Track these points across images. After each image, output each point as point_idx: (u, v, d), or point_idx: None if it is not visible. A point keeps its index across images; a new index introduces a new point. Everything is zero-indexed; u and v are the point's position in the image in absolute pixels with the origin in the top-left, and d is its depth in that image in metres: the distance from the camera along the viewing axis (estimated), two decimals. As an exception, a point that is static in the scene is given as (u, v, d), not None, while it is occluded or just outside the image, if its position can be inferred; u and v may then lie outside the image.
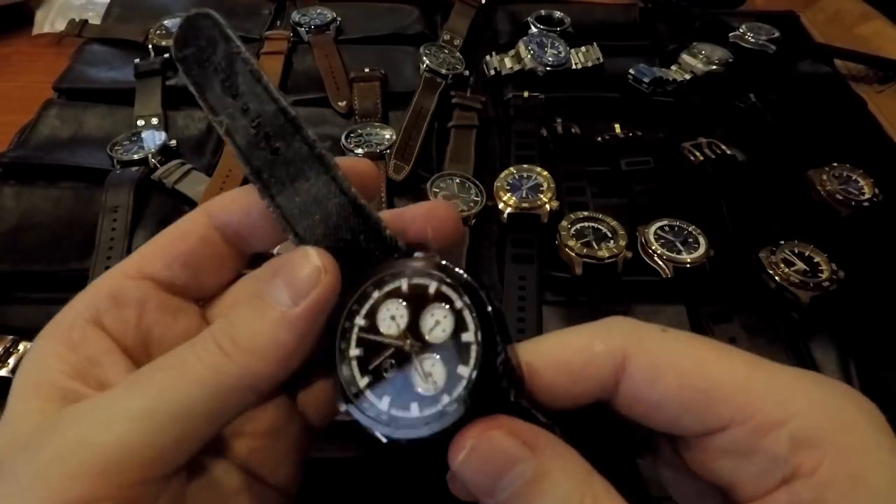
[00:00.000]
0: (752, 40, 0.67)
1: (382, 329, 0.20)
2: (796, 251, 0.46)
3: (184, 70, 0.24)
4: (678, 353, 0.20)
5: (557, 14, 0.70)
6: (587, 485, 0.18)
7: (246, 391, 0.20)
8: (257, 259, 0.26)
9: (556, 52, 0.64)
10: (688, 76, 0.63)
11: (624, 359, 0.20)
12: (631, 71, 0.63)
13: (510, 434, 0.18)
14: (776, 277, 0.45)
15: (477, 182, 0.51)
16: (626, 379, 0.20)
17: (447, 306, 0.20)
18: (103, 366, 0.21)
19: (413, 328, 0.20)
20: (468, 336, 0.19)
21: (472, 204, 0.50)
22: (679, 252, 0.46)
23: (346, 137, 0.54)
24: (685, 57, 0.64)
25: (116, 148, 0.53)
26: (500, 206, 0.49)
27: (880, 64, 0.66)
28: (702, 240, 0.47)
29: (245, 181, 0.50)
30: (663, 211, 0.49)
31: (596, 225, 0.47)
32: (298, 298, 0.20)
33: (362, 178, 0.23)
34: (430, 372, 0.19)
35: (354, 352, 0.20)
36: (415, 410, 0.19)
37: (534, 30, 0.68)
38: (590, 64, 0.64)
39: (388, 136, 0.54)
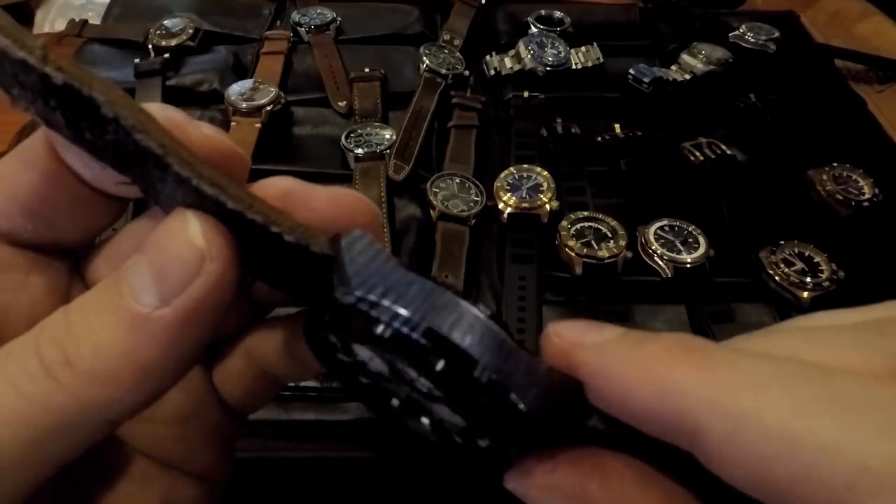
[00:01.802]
0: (752, 40, 0.67)
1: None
2: (796, 251, 0.46)
3: None
4: (772, 396, 0.13)
5: (557, 14, 0.70)
6: None
7: (92, 425, 0.14)
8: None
9: (556, 52, 0.64)
10: (688, 76, 0.63)
11: (699, 429, 0.14)
12: (631, 71, 0.63)
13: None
14: (776, 277, 0.45)
15: (477, 182, 0.51)
16: (704, 444, 0.14)
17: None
18: None
19: None
20: None
21: (472, 204, 0.50)
22: (679, 252, 0.46)
23: (346, 137, 0.54)
24: (685, 57, 0.64)
25: (116, 148, 0.53)
26: (500, 206, 0.49)
27: (880, 64, 0.66)
28: (702, 240, 0.47)
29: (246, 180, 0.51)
30: (663, 211, 0.49)
31: (596, 225, 0.47)
32: (169, 294, 0.14)
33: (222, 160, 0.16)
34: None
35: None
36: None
37: (534, 30, 0.68)
38: (590, 64, 0.64)
39: (388, 136, 0.54)
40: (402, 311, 0.13)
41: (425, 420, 0.16)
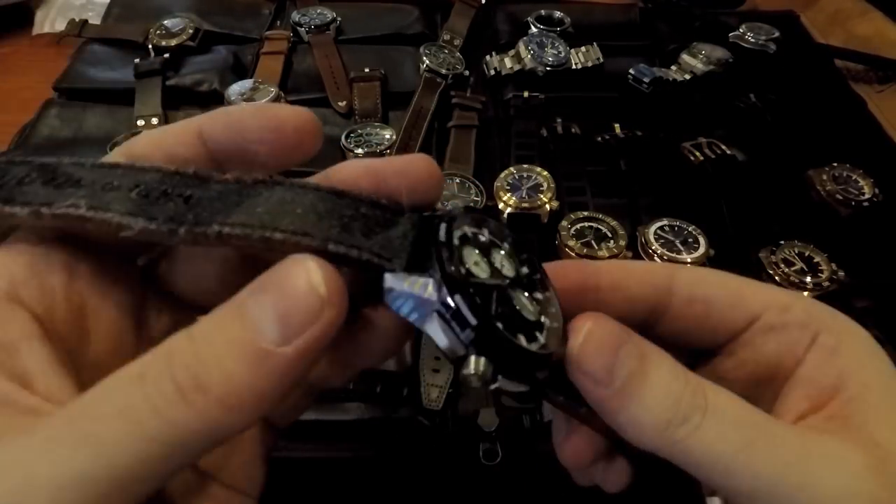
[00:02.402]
0: (752, 40, 0.67)
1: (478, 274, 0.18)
2: (796, 251, 0.46)
3: None
4: (709, 272, 0.23)
5: (557, 14, 0.70)
6: (681, 365, 0.19)
7: (207, 444, 0.16)
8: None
9: (556, 52, 0.64)
10: (688, 76, 0.63)
11: (673, 274, 0.22)
12: (631, 71, 0.63)
13: (607, 318, 0.19)
14: (776, 277, 0.45)
15: (477, 182, 0.51)
16: (679, 285, 0.22)
17: (502, 251, 0.20)
18: (21, 353, 0.17)
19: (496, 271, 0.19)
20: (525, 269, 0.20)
21: (472, 204, 0.50)
22: (679, 252, 0.46)
23: (346, 137, 0.54)
24: (685, 57, 0.64)
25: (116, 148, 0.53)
26: (500, 206, 0.49)
27: (880, 64, 0.66)
28: (702, 240, 0.47)
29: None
30: (663, 211, 0.49)
31: (596, 225, 0.47)
32: (291, 335, 0.15)
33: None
34: (525, 303, 0.19)
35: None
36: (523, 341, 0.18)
37: (534, 30, 0.68)
38: (590, 64, 0.64)
39: (388, 136, 0.54)
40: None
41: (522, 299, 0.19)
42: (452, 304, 0.17)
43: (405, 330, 0.20)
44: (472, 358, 0.17)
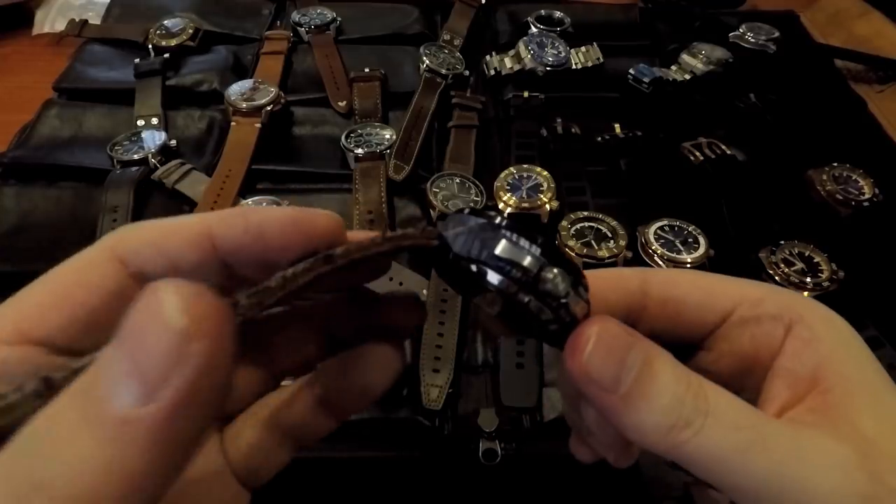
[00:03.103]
0: (752, 40, 0.67)
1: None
2: (796, 251, 0.46)
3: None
4: (681, 273, 0.24)
5: (557, 14, 0.70)
6: (683, 366, 0.20)
7: None
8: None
9: (556, 52, 0.64)
10: (688, 76, 0.63)
11: (646, 278, 0.23)
12: (631, 71, 0.63)
13: (616, 322, 0.19)
14: (776, 277, 0.45)
15: (477, 182, 0.51)
16: (652, 288, 0.23)
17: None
18: None
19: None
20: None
21: (472, 204, 0.50)
22: (679, 252, 0.46)
23: (346, 137, 0.54)
24: (685, 57, 0.64)
25: (116, 148, 0.53)
26: (500, 206, 0.49)
27: (880, 64, 0.66)
28: (702, 240, 0.47)
29: (246, 179, 0.51)
30: (663, 211, 0.49)
31: (596, 225, 0.47)
32: (151, 389, 0.12)
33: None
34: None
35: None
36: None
37: (534, 30, 0.68)
38: (590, 64, 0.64)
39: (388, 136, 0.54)
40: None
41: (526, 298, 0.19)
42: (513, 224, 0.18)
43: (400, 358, 0.22)
44: (550, 268, 0.18)
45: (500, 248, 0.18)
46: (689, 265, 0.45)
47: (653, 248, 0.46)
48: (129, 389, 0.12)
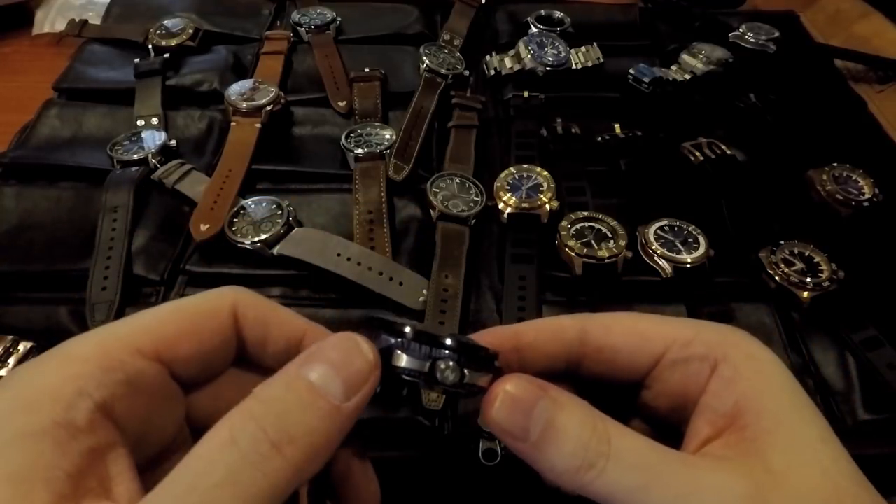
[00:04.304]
0: (752, 40, 0.67)
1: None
2: (796, 251, 0.46)
3: None
4: (618, 318, 0.25)
5: (557, 14, 0.70)
6: (593, 411, 0.22)
7: (289, 491, 0.18)
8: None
9: (556, 52, 0.64)
10: (688, 76, 0.63)
11: (584, 327, 0.25)
12: (631, 71, 0.63)
13: (526, 379, 0.22)
14: (776, 277, 0.45)
15: (477, 182, 0.51)
16: (588, 337, 0.25)
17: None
18: (106, 462, 0.18)
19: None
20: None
21: (472, 204, 0.50)
22: (679, 252, 0.46)
23: (346, 137, 0.54)
24: (685, 57, 0.64)
25: (116, 148, 0.53)
26: (500, 206, 0.49)
27: (880, 64, 0.66)
28: (702, 240, 0.47)
29: (246, 179, 0.51)
30: (663, 211, 0.49)
31: (596, 225, 0.47)
32: (351, 392, 0.20)
33: None
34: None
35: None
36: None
37: (534, 30, 0.68)
38: (590, 64, 0.64)
39: (388, 136, 0.54)
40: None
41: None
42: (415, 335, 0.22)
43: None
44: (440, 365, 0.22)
45: (403, 361, 0.22)
46: (689, 265, 0.45)
47: (653, 248, 0.46)
48: (339, 391, 0.19)
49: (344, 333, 0.21)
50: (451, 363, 0.22)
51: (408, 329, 0.22)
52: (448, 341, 0.22)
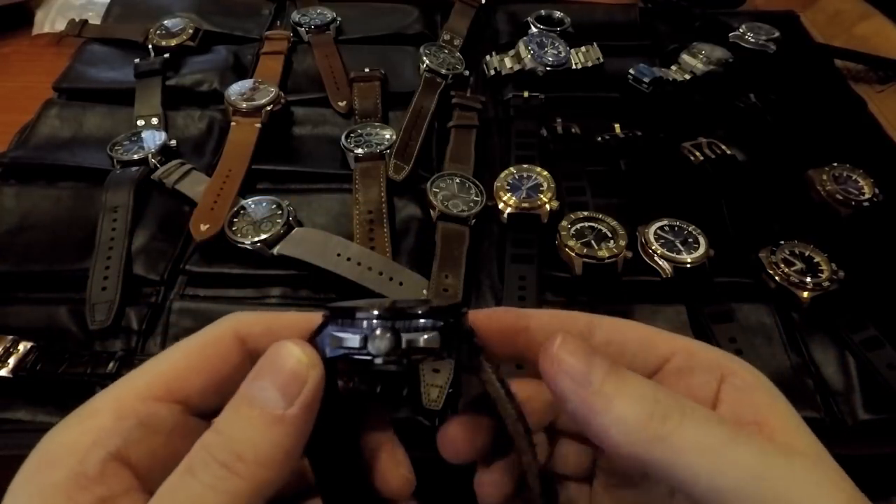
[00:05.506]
0: (752, 40, 0.67)
1: None
2: (796, 251, 0.46)
3: None
4: (625, 321, 0.25)
5: (557, 14, 0.70)
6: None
7: (259, 500, 0.19)
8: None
9: (556, 52, 0.64)
10: (688, 76, 0.63)
11: (592, 321, 0.25)
12: (631, 71, 0.63)
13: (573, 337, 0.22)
14: (776, 277, 0.45)
15: (477, 182, 0.51)
16: (597, 330, 0.24)
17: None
18: None
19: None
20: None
21: (472, 204, 0.50)
22: (679, 252, 0.46)
23: (346, 137, 0.54)
24: (685, 57, 0.64)
25: (116, 148, 0.53)
26: (500, 206, 0.49)
27: (880, 64, 0.66)
28: (702, 240, 0.47)
29: (246, 179, 0.51)
30: (663, 211, 0.49)
31: (596, 225, 0.47)
32: (291, 397, 0.20)
33: None
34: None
35: None
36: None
37: (534, 30, 0.68)
38: (590, 64, 0.64)
39: (388, 136, 0.54)
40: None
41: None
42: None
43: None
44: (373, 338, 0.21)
45: (343, 342, 0.21)
46: (689, 265, 0.45)
47: (653, 247, 0.46)
48: (279, 400, 0.20)
49: (276, 343, 0.21)
50: (378, 331, 0.21)
51: (330, 308, 0.21)
52: (375, 311, 0.21)
